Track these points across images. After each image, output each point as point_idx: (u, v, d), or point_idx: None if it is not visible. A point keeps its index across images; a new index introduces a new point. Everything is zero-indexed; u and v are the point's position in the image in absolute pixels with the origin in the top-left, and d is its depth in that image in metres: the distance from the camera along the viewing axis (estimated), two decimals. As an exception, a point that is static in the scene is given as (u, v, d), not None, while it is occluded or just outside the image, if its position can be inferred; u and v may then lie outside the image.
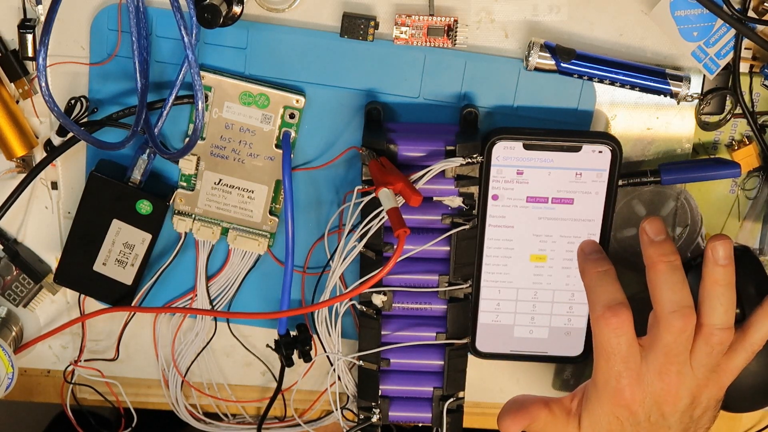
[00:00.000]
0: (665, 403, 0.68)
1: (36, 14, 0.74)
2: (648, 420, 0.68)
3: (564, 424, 0.70)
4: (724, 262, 0.67)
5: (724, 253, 0.67)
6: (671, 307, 0.66)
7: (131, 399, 0.85)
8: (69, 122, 0.73)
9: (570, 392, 0.72)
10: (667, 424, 0.68)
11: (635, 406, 0.68)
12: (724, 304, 0.67)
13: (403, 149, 0.73)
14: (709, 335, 0.67)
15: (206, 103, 0.75)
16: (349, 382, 0.81)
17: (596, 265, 0.69)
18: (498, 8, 0.73)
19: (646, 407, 0.68)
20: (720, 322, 0.67)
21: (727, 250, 0.67)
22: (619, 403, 0.68)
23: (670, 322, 0.66)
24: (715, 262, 0.67)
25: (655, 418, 0.68)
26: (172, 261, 0.79)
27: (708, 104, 0.75)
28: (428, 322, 0.78)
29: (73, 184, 0.79)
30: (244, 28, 0.74)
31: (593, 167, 0.73)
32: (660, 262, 0.67)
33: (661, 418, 0.68)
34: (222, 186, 0.77)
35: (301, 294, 0.81)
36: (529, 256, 0.76)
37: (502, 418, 0.71)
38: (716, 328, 0.67)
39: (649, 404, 0.68)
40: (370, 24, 0.73)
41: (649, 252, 0.68)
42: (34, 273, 0.81)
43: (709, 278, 0.67)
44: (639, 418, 0.68)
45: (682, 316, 0.66)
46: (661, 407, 0.68)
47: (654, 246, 0.67)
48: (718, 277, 0.67)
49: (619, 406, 0.68)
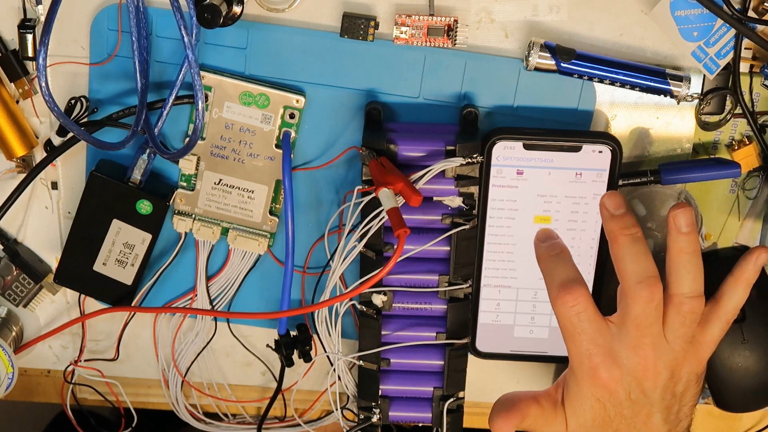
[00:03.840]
0: (644, 378, 0.67)
1: (36, 14, 0.74)
2: (629, 398, 0.67)
3: (553, 416, 0.70)
4: (686, 230, 0.66)
5: (686, 221, 0.66)
6: (636, 278, 0.66)
7: (131, 399, 0.85)
8: (69, 122, 0.73)
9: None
10: (649, 401, 0.68)
11: (613, 384, 0.67)
12: (691, 272, 0.67)
13: (403, 149, 0.73)
14: (680, 304, 0.67)
15: (206, 103, 0.75)
16: (349, 382, 0.81)
17: (549, 250, 0.69)
18: (498, 8, 0.73)
19: (626, 385, 0.67)
20: (689, 289, 0.67)
21: (688, 218, 0.66)
22: (596, 383, 0.67)
23: (636, 292, 0.66)
24: (678, 230, 0.67)
25: (636, 396, 0.67)
26: (172, 261, 0.79)
27: (708, 104, 0.75)
28: (428, 322, 0.78)
29: (73, 184, 0.79)
30: (244, 28, 0.74)
31: (593, 167, 0.73)
32: (621, 235, 0.67)
33: (642, 395, 0.67)
34: (222, 186, 0.77)
35: (301, 294, 0.81)
36: (529, 256, 0.76)
37: (493, 419, 0.70)
38: (686, 296, 0.67)
39: (627, 381, 0.67)
40: (370, 24, 0.73)
41: (610, 226, 0.67)
42: (34, 273, 0.81)
43: (674, 247, 0.67)
44: (620, 397, 0.67)
45: (648, 285, 0.66)
46: (641, 383, 0.67)
47: (614, 220, 0.67)
48: (682, 245, 0.67)
49: (597, 386, 0.67)
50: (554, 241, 0.69)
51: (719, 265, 0.78)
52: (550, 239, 0.70)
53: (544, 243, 0.70)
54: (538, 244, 0.70)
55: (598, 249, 0.75)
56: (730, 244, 0.80)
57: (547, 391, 0.71)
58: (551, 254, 0.69)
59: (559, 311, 0.67)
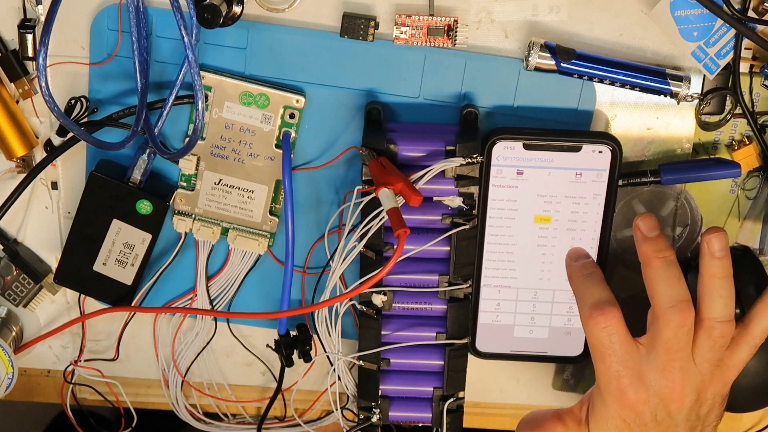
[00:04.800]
0: (671, 401, 0.67)
1: (36, 14, 0.74)
2: (655, 420, 0.68)
3: None
4: (720, 254, 0.67)
5: (719, 245, 0.67)
6: (668, 302, 0.66)
7: (131, 399, 0.85)
8: (69, 122, 0.73)
9: (570, 392, 0.72)
10: (674, 423, 0.68)
11: (640, 406, 0.67)
12: (723, 297, 0.67)
13: (403, 149, 0.73)
14: (711, 329, 0.67)
15: (206, 103, 0.75)
16: (349, 382, 0.81)
17: (582, 269, 0.70)
18: (498, 8, 0.73)
19: (652, 406, 0.67)
20: (721, 314, 0.67)
21: (722, 242, 0.67)
22: (623, 404, 0.67)
23: (668, 317, 0.66)
24: (711, 255, 0.67)
25: (661, 417, 0.68)
26: (172, 261, 0.79)
27: (708, 104, 0.75)
28: (428, 322, 0.78)
29: (73, 184, 0.79)
30: (244, 28, 0.74)
31: (593, 167, 0.73)
32: (655, 258, 0.67)
33: (668, 417, 0.68)
34: (222, 186, 0.77)
35: (301, 294, 0.81)
36: (529, 256, 0.76)
37: None
38: (717, 321, 0.67)
39: (654, 403, 0.67)
40: (370, 24, 0.73)
41: (644, 249, 0.68)
42: (34, 273, 0.81)
43: (707, 272, 0.67)
44: (645, 418, 0.68)
45: (680, 310, 0.66)
46: (667, 405, 0.68)
47: (648, 242, 0.68)
48: (715, 270, 0.67)
49: (623, 407, 0.68)
50: (586, 260, 0.70)
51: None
52: (581, 258, 0.71)
53: (576, 262, 0.70)
54: (570, 263, 0.71)
55: (598, 249, 0.75)
56: (730, 244, 0.79)
57: (571, 409, 0.72)
58: (583, 274, 0.70)
59: (591, 331, 0.68)
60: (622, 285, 0.78)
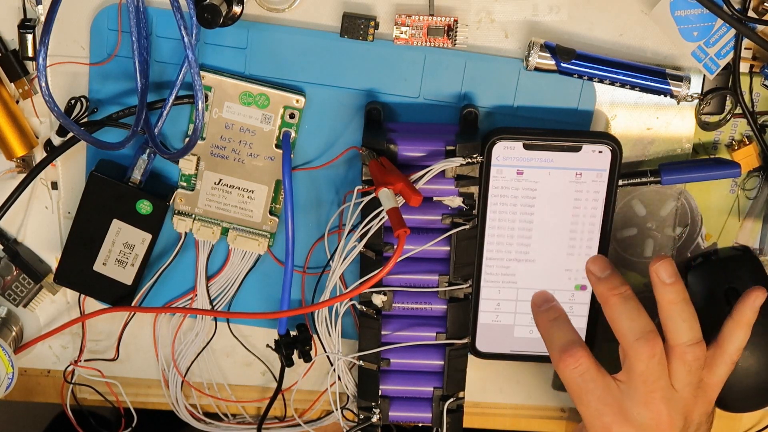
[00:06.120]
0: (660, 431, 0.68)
1: (36, 14, 0.74)
2: None
3: None
4: (670, 280, 0.68)
5: (667, 272, 0.68)
6: (634, 335, 0.67)
7: (131, 399, 0.85)
8: (69, 122, 0.73)
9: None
10: None
11: None
12: (686, 320, 0.68)
13: (403, 149, 0.73)
14: (683, 354, 0.68)
15: (206, 103, 0.75)
16: (349, 382, 0.81)
17: (547, 315, 0.71)
18: (498, 8, 0.73)
19: None
20: (688, 338, 0.68)
21: (669, 269, 0.68)
22: None
23: (636, 350, 0.67)
24: (663, 283, 0.68)
25: None
26: (172, 261, 0.79)
27: (708, 104, 0.75)
28: (428, 322, 0.78)
29: (73, 184, 0.79)
30: (244, 28, 0.74)
31: (593, 167, 0.73)
32: (612, 296, 0.68)
33: None
34: (222, 186, 0.77)
35: (301, 294, 0.81)
36: (530, 256, 0.76)
37: None
38: (686, 345, 0.68)
39: None
40: (370, 24, 0.73)
41: (599, 289, 0.69)
42: (34, 273, 0.81)
43: (663, 299, 0.68)
44: None
45: (647, 341, 0.67)
46: None
47: (602, 282, 0.69)
48: (670, 296, 0.68)
49: None
50: (551, 305, 0.71)
51: (719, 265, 0.78)
52: (546, 303, 0.71)
53: (540, 308, 0.71)
54: (536, 310, 0.72)
55: (598, 249, 0.75)
56: (730, 244, 0.80)
57: None
58: (549, 319, 0.71)
59: (563, 374, 0.68)
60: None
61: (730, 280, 0.77)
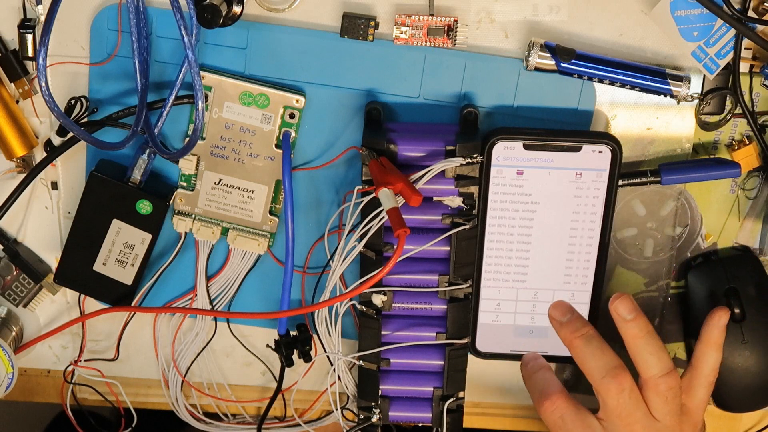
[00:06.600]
0: None
1: (36, 14, 0.74)
2: None
3: None
4: (631, 317, 0.70)
5: (627, 309, 0.70)
6: (600, 373, 0.69)
7: (131, 399, 0.85)
8: (69, 122, 0.73)
9: (569, 392, 0.73)
10: None
11: None
12: (653, 353, 0.69)
13: (403, 149, 0.73)
14: (656, 386, 0.70)
15: (206, 103, 0.75)
16: (349, 382, 0.81)
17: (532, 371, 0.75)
18: (498, 8, 0.73)
19: None
20: (658, 370, 0.69)
21: (628, 305, 0.70)
22: None
23: (605, 387, 0.69)
24: (624, 320, 0.70)
25: None
26: (172, 261, 0.79)
27: (708, 104, 0.75)
28: (428, 322, 0.78)
29: (73, 184, 0.79)
30: (244, 28, 0.74)
31: (593, 167, 0.73)
32: (575, 338, 0.71)
33: None
34: (222, 186, 0.77)
35: (301, 294, 0.81)
36: (530, 256, 0.76)
37: None
38: (658, 377, 0.70)
39: None
40: (370, 24, 0.73)
41: (563, 334, 0.72)
42: (34, 273, 0.81)
43: (627, 335, 0.70)
44: None
45: (613, 377, 0.69)
46: None
47: (565, 327, 0.72)
48: (634, 331, 0.70)
49: None
50: (536, 362, 0.75)
51: (719, 265, 0.78)
52: (531, 361, 0.75)
53: (527, 366, 0.75)
54: (523, 369, 0.75)
55: (598, 249, 0.75)
56: (730, 244, 0.80)
57: None
58: (532, 374, 0.74)
59: (544, 418, 0.72)
60: (622, 285, 0.78)
61: (730, 280, 0.77)
